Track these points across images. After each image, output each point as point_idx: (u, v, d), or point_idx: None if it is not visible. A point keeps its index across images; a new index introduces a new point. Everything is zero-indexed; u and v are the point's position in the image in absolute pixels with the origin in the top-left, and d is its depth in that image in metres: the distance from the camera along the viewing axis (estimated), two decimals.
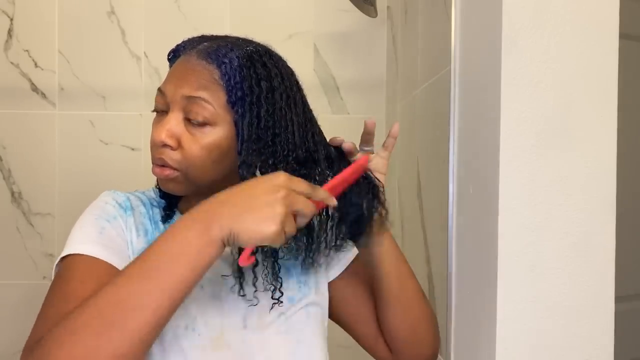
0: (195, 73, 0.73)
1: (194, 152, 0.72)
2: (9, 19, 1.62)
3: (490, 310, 0.79)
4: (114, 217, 0.76)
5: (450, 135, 0.96)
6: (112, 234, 0.74)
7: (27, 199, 1.63)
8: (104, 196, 0.79)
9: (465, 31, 0.94)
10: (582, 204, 0.77)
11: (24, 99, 1.62)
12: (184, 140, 0.73)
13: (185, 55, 0.76)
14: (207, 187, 0.76)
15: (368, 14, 1.42)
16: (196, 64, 0.74)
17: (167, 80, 0.76)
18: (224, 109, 0.73)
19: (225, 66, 0.72)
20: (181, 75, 0.74)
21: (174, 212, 0.82)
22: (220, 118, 0.73)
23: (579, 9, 0.76)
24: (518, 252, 0.77)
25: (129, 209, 0.78)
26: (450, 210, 0.96)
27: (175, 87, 0.73)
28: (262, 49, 0.76)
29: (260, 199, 0.62)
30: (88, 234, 0.73)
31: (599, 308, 0.78)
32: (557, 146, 0.77)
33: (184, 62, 0.75)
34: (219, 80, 0.72)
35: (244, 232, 0.61)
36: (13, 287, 1.61)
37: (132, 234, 0.76)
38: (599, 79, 0.77)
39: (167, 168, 0.74)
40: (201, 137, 0.72)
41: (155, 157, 0.74)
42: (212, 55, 0.73)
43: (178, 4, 1.63)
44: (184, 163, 0.73)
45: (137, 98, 1.62)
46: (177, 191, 0.76)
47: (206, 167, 0.74)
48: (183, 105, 0.73)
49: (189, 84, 0.72)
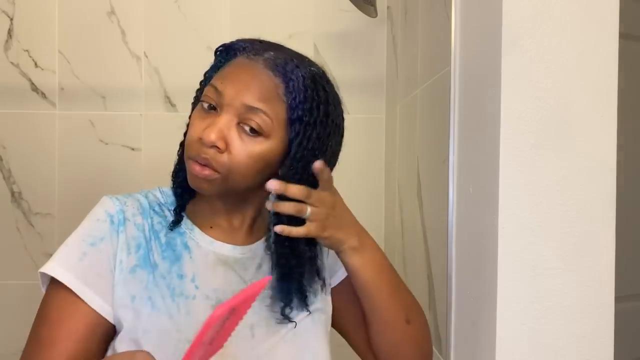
0: (260, 83, 0.72)
1: (241, 158, 0.72)
2: (9, 19, 1.62)
3: (490, 310, 0.79)
4: (101, 238, 0.75)
5: (450, 135, 0.96)
6: (92, 262, 0.74)
7: (27, 199, 1.63)
8: (99, 206, 0.78)
9: (465, 31, 0.94)
10: (582, 204, 0.77)
11: (24, 99, 1.62)
12: (234, 145, 0.72)
13: (250, 60, 0.75)
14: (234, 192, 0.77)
15: (368, 14, 1.42)
16: (262, 73, 0.73)
17: (227, 81, 0.74)
18: (279, 124, 0.73)
19: (293, 83, 0.72)
20: (245, 82, 0.72)
21: (182, 216, 0.81)
22: (275, 132, 0.72)
23: (579, 9, 0.76)
24: (518, 252, 0.77)
25: (122, 223, 0.76)
26: (450, 210, 0.96)
27: (237, 92, 0.72)
28: (322, 72, 0.78)
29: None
30: (68, 257, 0.74)
31: (599, 308, 0.78)
32: (557, 146, 0.77)
33: (248, 68, 0.74)
34: (282, 95, 0.72)
35: None
36: (13, 287, 1.61)
37: (122, 253, 0.75)
38: (599, 79, 0.77)
39: (208, 168, 0.73)
40: (252, 145, 0.72)
41: (199, 156, 0.73)
42: (280, 69, 0.73)
43: (178, 4, 1.63)
44: (227, 167, 0.72)
45: (137, 98, 1.62)
46: (208, 191, 0.75)
47: (247, 176, 0.73)
48: (240, 112, 0.72)
49: (251, 93, 0.72)
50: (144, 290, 0.73)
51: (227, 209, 0.80)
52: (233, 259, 0.79)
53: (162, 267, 0.76)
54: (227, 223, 0.81)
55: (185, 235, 0.79)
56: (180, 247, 0.78)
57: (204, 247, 0.78)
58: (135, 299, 0.73)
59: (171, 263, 0.76)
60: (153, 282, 0.74)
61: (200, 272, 0.77)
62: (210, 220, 0.81)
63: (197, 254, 0.78)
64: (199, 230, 0.80)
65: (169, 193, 0.83)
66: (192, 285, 0.76)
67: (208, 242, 0.79)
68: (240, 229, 0.81)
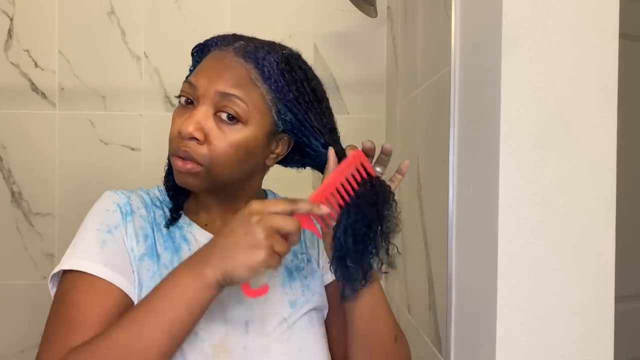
0: (231, 70, 0.73)
1: (220, 148, 0.72)
2: (9, 19, 1.62)
3: (490, 310, 0.79)
4: (115, 226, 0.75)
5: (450, 135, 0.96)
6: (113, 247, 0.74)
7: (27, 199, 1.63)
8: (105, 199, 0.78)
9: (465, 31, 0.94)
10: (582, 204, 0.77)
11: (24, 99, 1.62)
12: (212, 135, 0.72)
13: (221, 51, 0.76)
14: (222, 187, 0.76)
15: (368, 14, 1.42)
16: (233, 60, 0.74)
17: (199, 74, 0.75)
18: (257, 110, 0.73)
19: (267, 69, 0.73)
20: (216, 71, 0.73)
21: (179, 214, 0.81)
22: (252, 117, 0.73)
23: (579, 9, 0.76)
24: (518, 252, 0.77)
25: (129, 213, 0.77)
26: (450, 210, 0.96)
27: (210, 82, 0.73)
28: (296, 54, 0.78)
29: (238, 231, 0.65)
30: (89, 248, 0.73)
31: (599, 308, 0.78)
32: (557, 146, 0.77)
33: (219, 58, 0.75)
34: (254, 81, 0.73)
35: (235, 268, 0.64)
36: (13, 287, 1.61)
37: (132, 241, 0.75)
38: (598, 79, 0.77)
39: (189, 162, 0.73)
40: (231, 133, 0.72)
41: (179, 149, 0.73)
42: (251, 55, 0.73)
43: (178, 4, 1.63)
44: (208, 158, 0.72)
45: (137, 98, 1.62)
46: (195, 186, 0.75)
47: (230, 165, 0.74)
48: (215, 101, 0.72)
49: (224, 80, 0.72)
50: (150, 280, 0.74)
51: (220, 206, 0.81)
52: None
53: (165, 257, 0.76)
54: (221, 221, 0.81)
55: (184, 229, 0.79)
56: (179, 239, 0.79)
57: (202, 241, 0.79)
58: (143, 288, 0.73)
59: (172, 254, 0.77)
60: (158, 272, 0.75)
61: None
62: (204, 218, 0.81)
63: (195, 247, 0.78)
64: (196, 225, 0.80)
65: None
66: None
67: (206, 237, 0.79)
68: None
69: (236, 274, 0.64)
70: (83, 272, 0.71)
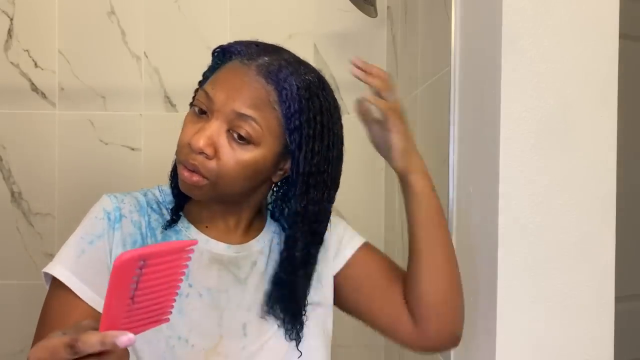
0: (251, 90, 0.71)
1: (229, 165, 0.71)
2: (9, 19, 1.62)
3: (490, 310, 0.79)
4: (99, 236, 0.75)
5: (450, 135, 0.96)
6: (91, 258, 0.74)
7: (27, 199, 1.63)
8: (97, 204, 0.78)
9: (465, 31, 0.94)
10: (582, 204, 0.77)
11: (24, 99, 1.62)
12: (223, 151, 0.71)
13: (243, 65, 0.73)
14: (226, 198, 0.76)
15: (368, 14, 1.42)
16: (254, 80, 0.72)
17: (217, 85, 0.73)
18: (269, 132, 0.72)
19: (286, 92, 0.71)
20: (236, 88, 0.71)
21: (179, 216, 0.81)
22: (265, 140, 0.72)
23: (579, 9, 0.76)
24: (518, 252, 0.77)
25: (118, 220, 0.76)
26: (450, 210, 0.96)
27: (227, 98, 0.71)
28: (318, 80, 0.77)
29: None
30: (68, 256, 0.74)
31: (599, 308, 0.78)
32: (557, 146, 0.77)
33: (240, 74, 0.73)
34: (273, 103, 0.71)
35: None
36: (13, 287, 1.61)
37: (117, 249, 0.75)
38: (598, 79, 0.77)
39: (196, 175, 0.72)
40: (241, 152, 0.71)
41: (188, 162, 0.72)
42: (273, 76, 0.72)
43: (178, 4, 1.63)
44: (215, 173, 0.72)
45: (137, 98, 1.62)
46: (198, 197, 0.75)
47: (236, 182, 0.73)
48: (230, 119, 0.71)
49: (242, 99, 0.71)
50: None
51: (223, 210, 0.80)
52: (227, 257, 0.79)
53: None
54: (223, 223, 0.81)
55: (181, 233, 0.79)
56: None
57: (199, 245, 0.78)
58: None
59: None
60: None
61: (194, 270, 0.77)
62: (206, 220, 0.81)
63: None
64: (194, 228, 0.80)
65: (168, 192, 0.83)
66: (186, 283, 0.76)
67: (203, 240, 0.79)
68: (236, 229, 0.81)
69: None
70: (59, 284, 0.73)
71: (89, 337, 0.48)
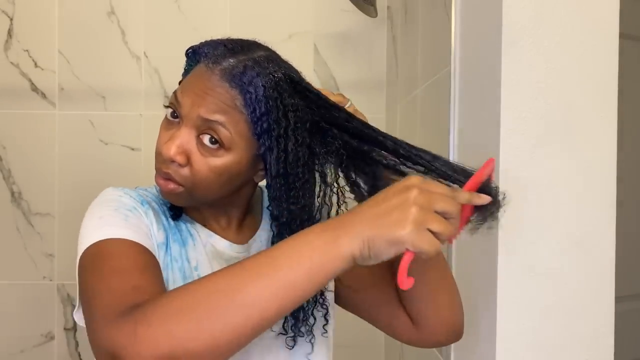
0: (215, 95, 0.70)
1: (202, 172, 0.71)
2: (9, 19, 1.62)
3: (490, 310, 0.79)
4: (132, 207, 0.74)
5: (450, 135, 0.96)
6: (137, 222, 0.72)
7: (27, 199, 1.63)
8: (113, 190, 0.77)
9: (465, 31, 0.94)
10: (582, 204, 0.77)
11: (24, 99, 1.62)
12: (194, 159, 0.70)
13: (207, 69, 0.72)
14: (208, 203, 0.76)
15: (368, 14, 1.42)
16: (218, 85, 0.70)
17: (185, 91, 0.72)
18: (240, 136, 0.70)
19: (250, 96, 0.69)
20: (200, 93, 0.70)
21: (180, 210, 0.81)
22: (235, 144, 0.70)
23: (579, 9, 0.76)
24: (518, 252, 0.77)
25: (145, 202, 0.77)
26: None
27: (192, 104, 0.70)
28: (288, 74, 0.72)
29: (391, 202, 0.57)
30: (112, 221, 0.70)
31: (599, 308, 0.78)
32: (557, 146, 0.77)
33: (204, 79, 0.71)
34: (240, 107, 0.70)
35: (375, 238, 0.56)
36: (13, 287, 1.61)
37: (152, 226, 0.75)
38: (599, 79, 0.77)
39: (171, 182, 0.72)
40: (212, 159, 0.70)
41: (161, 170, 0.72)
42: (237, 80, 0.69)
43: (178, 4, 1.63)
44: (190, 180, 0.71)
45: (137, 98, 1.62)
46: (179, 204, 0.75)
47: (213, 188, 0.72)
48: (198, 125, 0.70)
49: (206, 105, 0.69)
50: (163, 270, 0.73)
51: (213, 211, 0.80)
52: (229, 256, 0.79)
53: (174, 249, 0.76)
54: (216, 223, 0.81)
55: (188, 225, 0.79)
56: (185, 232, 0.79)
57: (204, 238, 0.79)
58: None
59: (180, 247, 0.77)
60: (170, 263, 0.75)
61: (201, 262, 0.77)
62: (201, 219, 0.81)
63: (199, 242, 0.78)
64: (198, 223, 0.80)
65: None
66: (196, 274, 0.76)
67: (207, 234, 0.79)
68: (228, 228, 0.81)
69: (375, 246, 0.56)
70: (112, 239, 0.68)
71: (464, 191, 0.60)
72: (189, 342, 0.55)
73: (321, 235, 0.58)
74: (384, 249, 0.56)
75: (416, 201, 0.56)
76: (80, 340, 1.60)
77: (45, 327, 1.60)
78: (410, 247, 0.56)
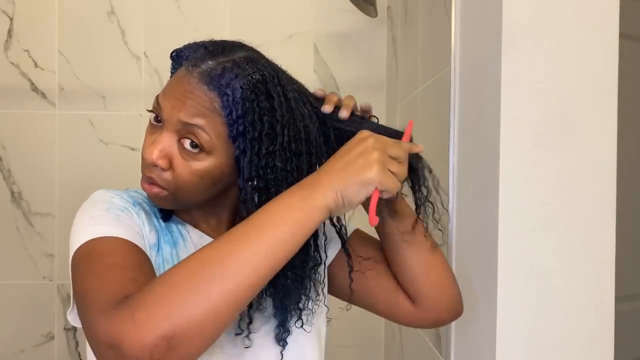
0: (194, 98, 0.70)
1: (185, 176, 0.71)
2: (9, 19, 1.62)
3: (490, 310, 0.79)
4: (124, 207, 0.74)
5: (450, 135, 0.96)
6: (129, 222, 0.72)
7: (27, 199, 1.63)
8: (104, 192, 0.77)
9: (465, 31, 0.94)
10: (582, 204, 0.77)
11: (24, 99, 1.62)
12: (176, 163, 0.71)
13: (187, 72, 0.72)
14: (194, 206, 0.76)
15: (368, 14, 1.42)
16: (196, 87, 0.70)
17: (165, 94, 0.72)
18: (220, 139, 0.70)
19: (227, 98, 0.69)
20: (180, 97, 0.70)
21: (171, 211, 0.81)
22: (216, 147, 0.70)
23: (579, 9, 0.76)
24: (518, 252, 0.77)
25: (137, 203, 0.77)
26: (451, 210, 0.96)
27: (172, 108, 0.70)
28: (270, 74, 0.71)
29: (353, 152, 0.65)
30: (103, 220, 0.70)
31: (599, 308, 0.78)
32: (557, 146, 0.77)
33: (183, 82, 0.72)
34: (219, 110, 0.69)
35: (348, 187, 0.63)
36: (13, 287, 1.61)
37: (144, 227, 0.75)
38: (599, 79, 0.77)
39: (155, 186, 0.72)
40: (193, 163, 0.70)
41: (145, 174, 0.73)
42: (215, 82, 0.69)
43: (178, 4, 1.63)
44: (173, 184, 0.71)
45: (137, 98, 1.62)
46: (166, 207, 0.75)
47: (195, 191, 0.73)
48: (178, 129, 0.70)
49: (186, 109, 0.69)
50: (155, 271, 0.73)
51: (202, 213, 0.80)
52: None
53: (165, 251, 0.76)
54: (206, 224, 0.81)
55: (179, 226, 0.79)
56: (176, 233, 0.79)
57: (195, 239, 0.78)
58: None
59: (171, 248, 0.77)
60: (162, 265, 0.75)
61: None
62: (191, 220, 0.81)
63: (189, 243, 0.78)
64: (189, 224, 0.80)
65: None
66: None
67: (198, 235, 0.79)
68: (219, 228, 0.81)
69: (348, 194, 0.63)
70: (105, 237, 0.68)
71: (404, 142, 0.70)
72: (189, 315, 0.56)
73: (297, 194, 0.63)
74: (356, 193, 0.63)
75: (375, 146, 0.65)
76: (80, 340, 1.60)
77: (45, 327, 1.60)
78: (378, 185, 0.64)
